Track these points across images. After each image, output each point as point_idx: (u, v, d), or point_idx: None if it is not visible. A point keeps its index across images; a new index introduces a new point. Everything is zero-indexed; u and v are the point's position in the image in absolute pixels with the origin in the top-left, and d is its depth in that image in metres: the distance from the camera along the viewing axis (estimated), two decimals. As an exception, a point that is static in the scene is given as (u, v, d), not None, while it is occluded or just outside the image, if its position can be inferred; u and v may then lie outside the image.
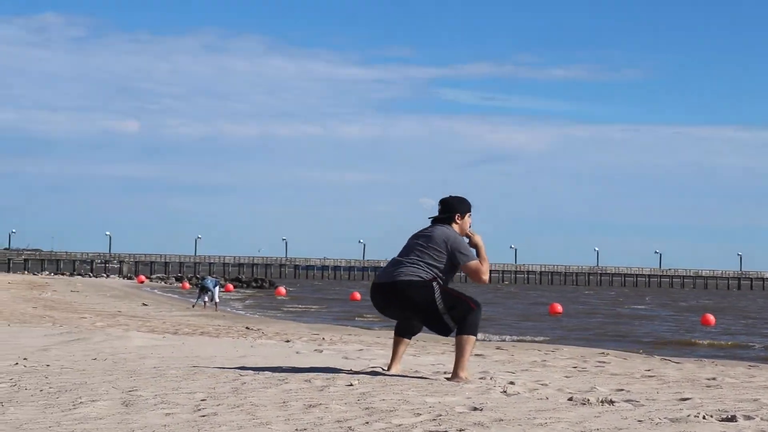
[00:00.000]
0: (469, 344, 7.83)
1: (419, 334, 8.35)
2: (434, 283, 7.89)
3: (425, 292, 7.88)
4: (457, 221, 8.11)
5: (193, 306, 31.79)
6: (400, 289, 7.92)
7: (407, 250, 8.10)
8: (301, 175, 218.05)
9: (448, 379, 7.86)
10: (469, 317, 7.88)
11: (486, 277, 8.04)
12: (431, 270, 7.92)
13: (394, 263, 8.10)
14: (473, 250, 8.05)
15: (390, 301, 8.01)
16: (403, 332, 8.20)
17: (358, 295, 50.90)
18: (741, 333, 28.92)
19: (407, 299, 7.91)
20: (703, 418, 5.83)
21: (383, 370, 8.37)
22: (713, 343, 23.81)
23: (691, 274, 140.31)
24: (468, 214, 8.17)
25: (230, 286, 60.25)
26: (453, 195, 8.27)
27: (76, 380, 7.33)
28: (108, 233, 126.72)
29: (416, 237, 8.13)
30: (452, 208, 8.16)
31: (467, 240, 8.09)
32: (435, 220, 8.19)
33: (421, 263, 7.97)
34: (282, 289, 58.67)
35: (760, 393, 7.67)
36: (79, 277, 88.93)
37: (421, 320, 8.03)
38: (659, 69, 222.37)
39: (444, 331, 7.96)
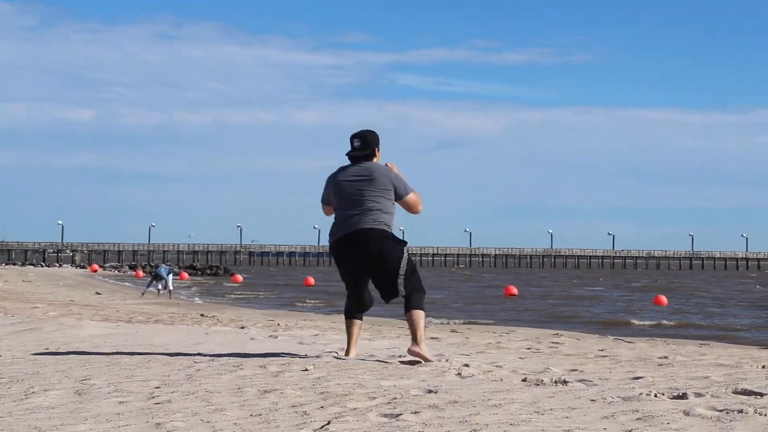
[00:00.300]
0: (422, 318, 7.80)
1: (374, 318, 8.41)
2: (405, 248, 7.81)
3: (398, 249, 7.75)
4: (377, 155, 7.90)
5: (143, 294, 31.57)
6: (377, 239, 7.70)
7: (356, 198, 7.76)
8: (256, 162, 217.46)
9: (410, 350, 7.80)
10: (419, 293, 7.84)
11: (422, 207, 7.94)
12: (392, 219, 7.76)
13: (361, 212, 7.73)
14: None
15: (360, 254, 7.73)
16: (354, 313, 8.04)
17: (312, 281, 50.88)
18: (692, 312, 29.25)
19: (381, 252, 7.70)
20: (655, 396, 5.90)
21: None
22: (662, 323, 24.07)
23: (644, 255, 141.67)
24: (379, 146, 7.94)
25: (185, 274, 59.88)
26: (365, 129, 7.99)
27: (28, 370, 7.26)
28: (60, 222, 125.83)
29: (355, 181, 7.79)
30: (371, 143, 7.89)
31: None
32: (354, 158, 7.86)
33: (384, 213, 7.74)
34: (239, 276, 58.48)
35: (711, 370, 7.77)
36: (31, 266, 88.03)
37: (380, 278, 7.79)
38: (611, 53, 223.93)
39: (391, 294, 7.80)
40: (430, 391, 6.12)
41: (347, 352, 8.07)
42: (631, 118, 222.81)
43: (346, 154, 7.94)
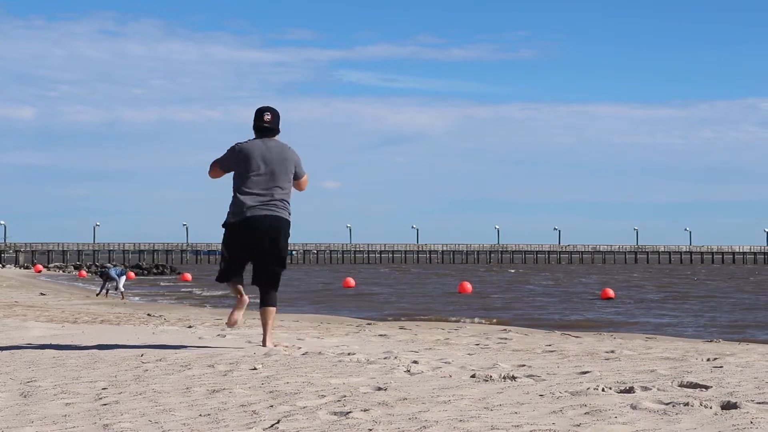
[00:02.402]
0: (274, 314, 8.49)
1: (322, 315, 8.53)
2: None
3: (287, 246, 8.20)
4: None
5: (97, 295, 31.32)
6: (284, 231, 8.06)
7: (269, 178, 8.00)
8: (202, 160, 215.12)
9: (266, 345, 8.49)
10: (275, 293, 8.35)
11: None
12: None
13: (269, 194, 8.00)
14: None
15: (263, 239, 7.98)
16: (239, 278, 8.34)
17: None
18: (639, 305, 29.54)
19: (280, 240, 8.04)
20: (603, 390, 5.95)
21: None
22: (613, 320, 24.30)
23: (590, 250, 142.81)
24: None
25: (132, 274, 59.39)
26: (268, 106, 8.28)
27: (-28, 373, 7.16)
28: (2, 222, 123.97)
29: (270, 160, 8.02)
30: (278, 119, 8.21)
31: None
32: (264, 132, 8.13)
33: (288, 198, 8.11)
34: (188, 275, 58.05)
35: (657, 364, 7.86)
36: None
37: (265, 263, 8.10)
38: (555, 49, 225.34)
39: (267, 283, 8.17)
40: (379, 389, 6.13)
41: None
42: (576, 113, 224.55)
43: (257, 125, 8.11)
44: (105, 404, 5.67)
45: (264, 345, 8.57)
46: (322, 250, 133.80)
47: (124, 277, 31.48)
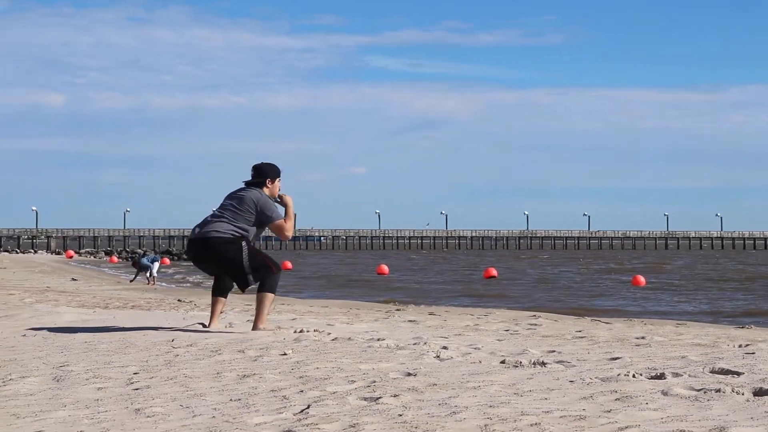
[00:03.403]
0: (267, 300, 9.00)
1: (345, 300, 8.60)
2: (243, 242, 8.92)
3: (234, 249, 8.95)
4: (268, 185, 9.11)
5: (131, 281, 31.50)
6: (211, 245, 8.96)
7: (221, 210, 9.08)
8: (229, 146, 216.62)
9: (253, 330, 8.96)
10: (269, 279, 9.01)
11: (289, 233, 9.16)
12: (239, 229, 8.95)
13: (208, 221, 9.07)
14: (280, 211, 9.11)
15: (202, 256, 9.07)
16: (219, 292, 9.30)
17: (289, 265, 50.69)
18: (670, 290, 29.40)
19: (218, 254, 8.96)
20: (633, 376, 5.93)
21: (204, 326, 9.36)
22: (643, 307, 24.18)
23: (620, 236, 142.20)
24: (278, 179, 9.19)
25: (166, 260, 59.52)
26: (265, 162, 9.24)
27: (5, 357, 7.23)
28: (34, 208, 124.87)
29: (230, 198, 9.13)
30: (264, 173, 9.14)
31: (278, 201, 9.14)
32: (248, 184, 9.15)
33: (232, 222, 8.98)
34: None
35: (688, 350, 7.81)
36: (6, 253, 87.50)
37: (228, 273, 9.10)
38: (582, 33, 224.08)
39: (243, 285, 9.06)
40: (409, 374, 6.13)
41: (209, 324, 9.31)
42: (605, 98, 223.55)
43: (243, 182, 9.18)
44: (136, 389, 5.71)
45: (253, 329, 9.03)
46: (351, 236, 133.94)
47: (157, 264, 31.67)
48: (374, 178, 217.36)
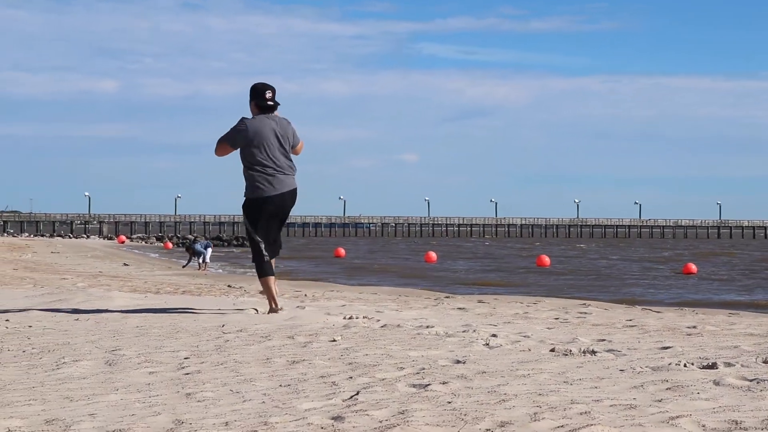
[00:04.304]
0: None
1: (394, 287, 8.65)
2: None
3: None
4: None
5: (183, 267, 31.79)
6: (294, 199, 8.82)
7: (281, 153, 8.64)
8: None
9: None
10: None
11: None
12: None
13: (284, 167, 8.65)
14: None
15: (286, 210, 8.77)
16: (272, 269, 9.00)
17: (342, 252, 50.78)
18: (723, 279, 29.11)
19: (288, 213, 8.86)
20: (684, 365, 5.88)
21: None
22: (695, 296, 23.97)
23: (671, 224, 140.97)
24: None
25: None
26: (264, 82, 8.89)
27: (58, 341, 7.32)
28: (87, 194, 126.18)
29: (280, 136, 8.65)
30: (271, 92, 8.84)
31: None
32: (271, 109, 8.73)
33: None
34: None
35: (740, 340, 7.73)
36: (60, 238, 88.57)
37: (278, 235, 8.90)
38: (638, 20, 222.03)
39: (278, 250, 8.99)
40: (458, 362, 6.13)
41: (277, 307, 9.11)
42: (658, 85, 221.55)
43: (262, 104, 8.70)
44: (187, 373, 5.75)
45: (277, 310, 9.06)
46: (401, 223, 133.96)
47: (210, 250, 31.97)
48: (424, 165, 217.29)
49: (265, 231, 8.81)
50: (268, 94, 8.73)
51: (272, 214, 8.76)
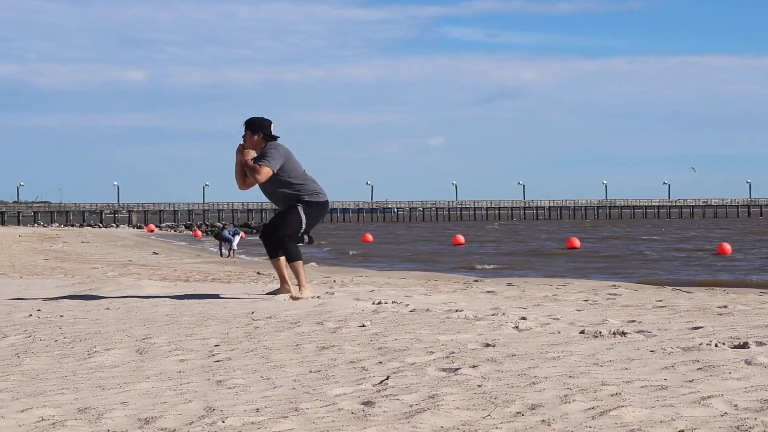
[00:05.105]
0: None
1: (423, 272, 8.66)
2: None
3: None
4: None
5: (221, 255, 31.91)
6: None
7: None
8: (307, 119, 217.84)
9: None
10: None
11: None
12: None
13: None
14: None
15: None
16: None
17: (370, 237, 50.76)
18: (753, 259, 28.92)
19: None
20: (716, 345, 5.85)
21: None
22: (727, 276, 23.83)
23: (701, 204, 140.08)
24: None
25: (244, 233, 59.98)
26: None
27: (90, 330, 7.37)
28: (116, 183, 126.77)
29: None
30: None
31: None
32: (275, 140, 9.66)
33: None
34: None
35: (772, 319, 7.68)
36: (89, 228, 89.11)
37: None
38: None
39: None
40: (487, 345, 6.12)
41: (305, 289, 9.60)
42: (685, 64, 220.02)
43: (270, 134, 9.64)
44: (218, 361, 5.78)
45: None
46: (428, 208, 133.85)
47: (238, 237, 32.08)
48: (451, 149, 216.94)
49: (309, 229, 9.70)
50: (273, 127, 9.70)
51: (320, 219, 9.93)
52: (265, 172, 9.44)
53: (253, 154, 9.52)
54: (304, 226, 9.57)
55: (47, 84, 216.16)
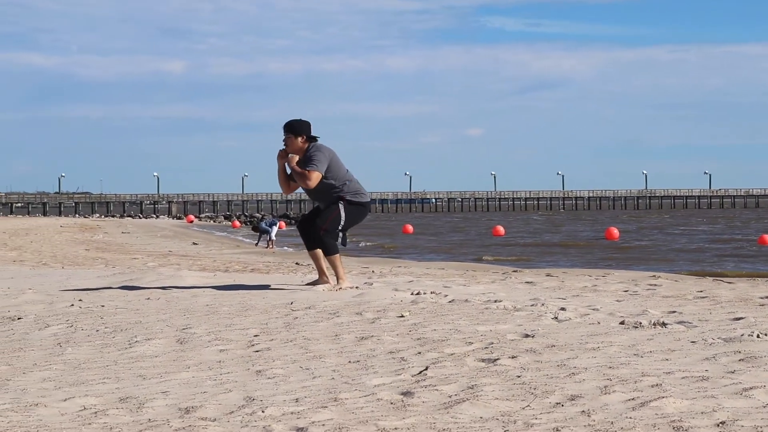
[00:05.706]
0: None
1: (462, 262, 8.68)
2: None
3: None
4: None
5: (256, 245, 32.05)
6: None
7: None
8: (346, 109, 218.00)
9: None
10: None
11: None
12: None
13: None
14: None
15: None
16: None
17: (410, 228, 50.67)
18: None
19: None
20: (757, 336, 5.80)
21: (354, 286, 9.61)
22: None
23: (742, 194, 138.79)
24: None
25: (283, 224, 60.14)
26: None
27: (130, 320, 7.42)
28: (156, 174, 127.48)
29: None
30: None
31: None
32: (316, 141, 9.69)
33: None
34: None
35: (815, 310, 7.60)
36: (129, 218, 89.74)
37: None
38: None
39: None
40: (527, 336, 6.11)
41: (339, 285, 9.53)
42: (727, 54, 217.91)
43: (311, 136, 9.64)
44: (257, 351, 5.80)
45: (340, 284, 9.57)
46: (467, 198, 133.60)
47: (276, 227, 32.16)
48: (490, 139, 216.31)
49: (347, 227, 9.76)
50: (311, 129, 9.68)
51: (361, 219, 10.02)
52: (315, 177, 9.46)
53: (296, 158, 9.52)
54: (342, 223, 9.59)
55: (88, 75, 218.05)
